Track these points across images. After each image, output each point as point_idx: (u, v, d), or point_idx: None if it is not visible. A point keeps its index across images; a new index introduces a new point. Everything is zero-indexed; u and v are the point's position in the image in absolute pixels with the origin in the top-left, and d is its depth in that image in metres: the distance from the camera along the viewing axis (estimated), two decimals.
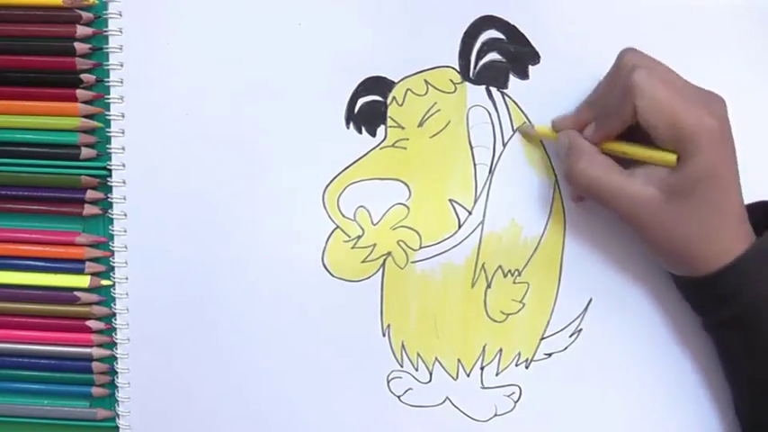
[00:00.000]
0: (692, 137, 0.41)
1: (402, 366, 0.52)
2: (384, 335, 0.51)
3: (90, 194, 0.51)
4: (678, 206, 0.42)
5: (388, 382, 0.52)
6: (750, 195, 0.44)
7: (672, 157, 0.42)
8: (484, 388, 0.52)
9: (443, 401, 0.52)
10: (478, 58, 0.48)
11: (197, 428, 0.53)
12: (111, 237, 0.51)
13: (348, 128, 0.49)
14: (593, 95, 0.46)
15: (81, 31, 0.49)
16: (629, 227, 0.44)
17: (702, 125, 0.41)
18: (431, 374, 0.52)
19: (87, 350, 0.53)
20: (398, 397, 0.52)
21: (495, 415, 0.52)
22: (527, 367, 0.51)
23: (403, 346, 0.51)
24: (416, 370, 0.52)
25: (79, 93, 0.50)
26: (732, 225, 0.43)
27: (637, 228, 0.44)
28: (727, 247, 0.42)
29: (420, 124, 0.49)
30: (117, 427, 0.54)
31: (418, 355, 0.51)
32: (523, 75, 0.48)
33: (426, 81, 0.49)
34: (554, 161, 0.49)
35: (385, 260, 0.50)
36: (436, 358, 0.51)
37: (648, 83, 0.41)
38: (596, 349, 0.50)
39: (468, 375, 0.52)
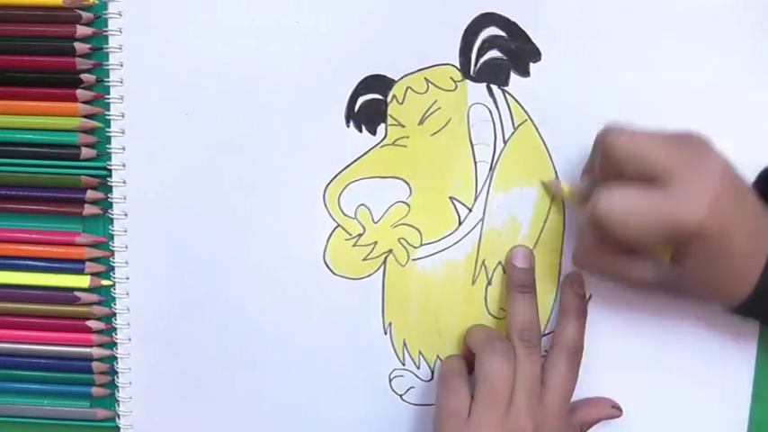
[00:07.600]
0: (671, 172, 0.39)
1: (404, 365, 0.52)
2: (385, 333, 0.51)
3: (90, 194, 0.51)
4: (684, 265, 0.41)
5: (390, 380, 0.52)
6: None
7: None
8: None
9: None
10: (479, 55, 0.48)
11: (198, 428, 0.53)
12: (111, 237, 0.51)
13: (348, 126, 0.49)
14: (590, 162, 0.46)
15: (81, 31, 0.49)
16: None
17: (681, 162, 0.39)
18: (432, 372, 0.52)
19: (87, 350, 0.53)
20: (400, 396, 0.52)
21: None
22: None
23: (404, 344, 0.51)
24: (418, 368, 0.52)
25: (79, 93, 0.50)
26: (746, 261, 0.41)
27: (653, 291, 0.45)
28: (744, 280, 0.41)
29: (420, 122, 0.49)
30: (117, 427, 0.54)
31: (420, 353, 0.51)
32: (524, 72, 0.48)
33: (427, 79, 0.49)
34: (554, 158, 0.49)
35: (386, 258, 0.50)
36: (438, 356, 0.51)
37: (619, 131, 0.41)
38: (596, 347, 0.50)
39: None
